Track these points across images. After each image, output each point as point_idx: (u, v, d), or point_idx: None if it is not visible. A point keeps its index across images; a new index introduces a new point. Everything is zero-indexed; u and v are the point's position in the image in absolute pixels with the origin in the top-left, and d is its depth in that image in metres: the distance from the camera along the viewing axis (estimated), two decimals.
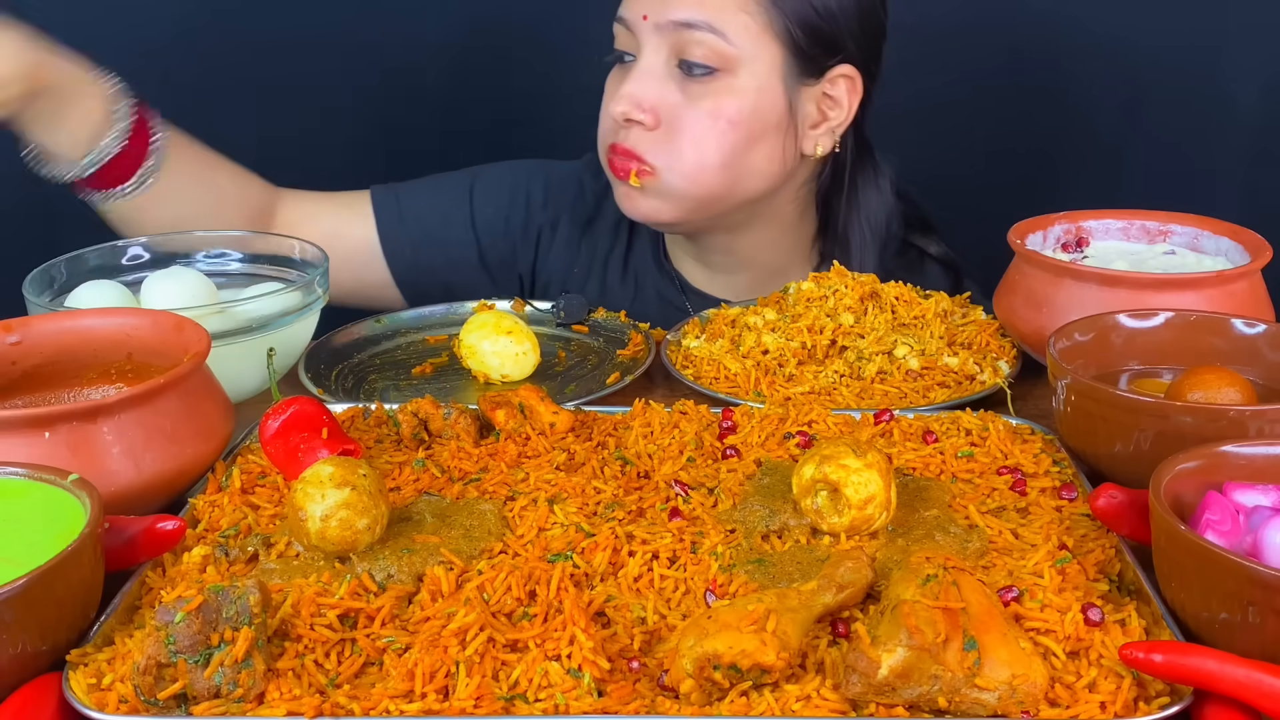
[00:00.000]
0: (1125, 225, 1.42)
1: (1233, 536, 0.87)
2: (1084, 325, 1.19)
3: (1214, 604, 0.83)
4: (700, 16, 1.47)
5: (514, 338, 1.38)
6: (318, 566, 0.95)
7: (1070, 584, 0.91)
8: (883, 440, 1.17)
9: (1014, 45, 2.16)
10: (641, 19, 1.49)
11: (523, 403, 1.19)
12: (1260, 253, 1.29)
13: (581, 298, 1.57)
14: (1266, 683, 0.77)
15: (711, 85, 1.49)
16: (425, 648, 0.84)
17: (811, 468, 0.98)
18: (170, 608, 0.83)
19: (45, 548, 0.86)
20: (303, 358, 1.41)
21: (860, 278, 1.44)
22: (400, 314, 1.57)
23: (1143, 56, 2.11)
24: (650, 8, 1.48)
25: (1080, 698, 0.81)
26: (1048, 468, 1.10)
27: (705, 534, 1.00)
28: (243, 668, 0.81)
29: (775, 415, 1.20)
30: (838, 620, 0.88)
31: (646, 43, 1.49)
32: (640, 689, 0.83)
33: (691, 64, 1.48)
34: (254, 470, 1.11)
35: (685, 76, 1.50)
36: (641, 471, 1.11)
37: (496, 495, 1.07)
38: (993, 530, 1.00)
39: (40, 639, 0.84)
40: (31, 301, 1.30)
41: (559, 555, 0.96)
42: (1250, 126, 2.13)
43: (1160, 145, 2.16)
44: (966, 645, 0.80)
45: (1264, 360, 1.15)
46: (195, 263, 1.49)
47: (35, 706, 0.81)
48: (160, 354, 1.16)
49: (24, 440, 1.00)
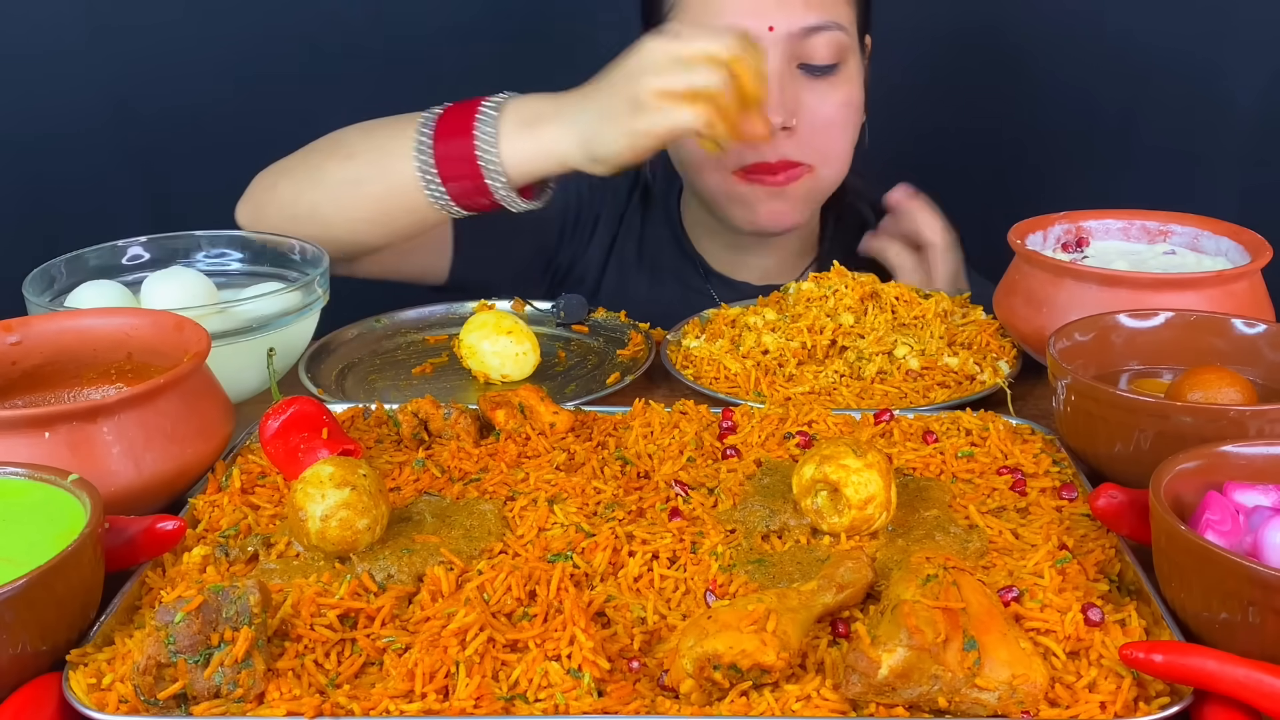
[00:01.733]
0: (1125, 225, 1.42)
1: (1233, 536, 0.87)
2: (1084, 325, 1.19)
3: (1214, 604, 0.83)
4: (828, 18, 1.50)
5: (514, 338, 1.38)
6: (318, 566, 0.95)
7: (1070, 584, 0.91)
8: (883, 440, 1.17)
9: (1014, 46, 2.16)
10: (767, 31, 1.48)
11: (523, 403, 1.19)
12: (1260, 253, 1.29)
13: (581, 298, 1.57)
14: (1266, 683, 0.77)
15: (836, 78, 1.53)
16: (425, 648, 0.84)
17: (811, 468, 0.98)
18: (170, 608, 0.83)
19: (45, 548, 0.86)
20: (303, 358, 1.42)
21: (860, 278, 1.44)
22: (400, 314, 1.57)
23: (1143, 57, 2.11)
24: (775, 18, 1.48)
25: (1080, 698, 0.81)
26: (1048, 468, 1.10)
27: (705, 534, 1.00)
28: (243, 668, 0.81)
29: (775, 415, 1.20)
30: (838, 620, 0.88)
31: (769, 52, 1.49)
32: (640, 689, 0.83)
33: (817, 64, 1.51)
34: (254, 470, 1.11)
35: (808, 75, 1.52)
36: (641, 471, 1.11)
37: (496, 495, 1.07)
38: (993, 530, 1.00)
39: (40, 639, 0.84)
40: (31, 301, 1.30)
41: (559, 555, 0.96)
42: (1250, 126, 2.13)
43: (1160, 145, 2.16)
44: (966, 645, 0.80)
45: (1264, 360, 1.15)
46: (195, 263, 1.50)
47: (35, 706, 0.81)
48: (160, 354, 1.16)
49: (24, 440, 1.00)
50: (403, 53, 2.13)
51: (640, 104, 1.29)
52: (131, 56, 2.07)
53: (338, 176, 1.45)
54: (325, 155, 1.48)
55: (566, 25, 2.14)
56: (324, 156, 1.48)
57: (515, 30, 2.15)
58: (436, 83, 2.12)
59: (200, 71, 2.08)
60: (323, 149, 1.49)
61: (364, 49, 2.12)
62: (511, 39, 2.15)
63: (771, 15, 1.48)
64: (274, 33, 2.09)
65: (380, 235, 1.48)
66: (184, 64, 2.08)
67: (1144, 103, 2.15)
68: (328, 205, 1.46)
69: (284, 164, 1.53)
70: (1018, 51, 2.16)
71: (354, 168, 1.44)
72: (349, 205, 1.45)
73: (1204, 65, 2.10)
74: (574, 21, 2.13)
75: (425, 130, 1.39)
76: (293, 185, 1.49)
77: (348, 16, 2.11)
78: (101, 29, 2.05)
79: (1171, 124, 2.14)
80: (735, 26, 1.40)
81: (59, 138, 2.08)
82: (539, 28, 2.16)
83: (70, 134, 2.08)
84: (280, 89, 2.10)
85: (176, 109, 2.09)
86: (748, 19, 1.48)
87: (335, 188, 1.45)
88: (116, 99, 2.08)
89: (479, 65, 2.15)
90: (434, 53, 2.13)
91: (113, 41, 2.06)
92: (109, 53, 2.06)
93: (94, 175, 2.11)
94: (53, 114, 2.07)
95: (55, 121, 2.07)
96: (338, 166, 1.45)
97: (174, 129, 2.10)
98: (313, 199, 1.47)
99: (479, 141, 1.35)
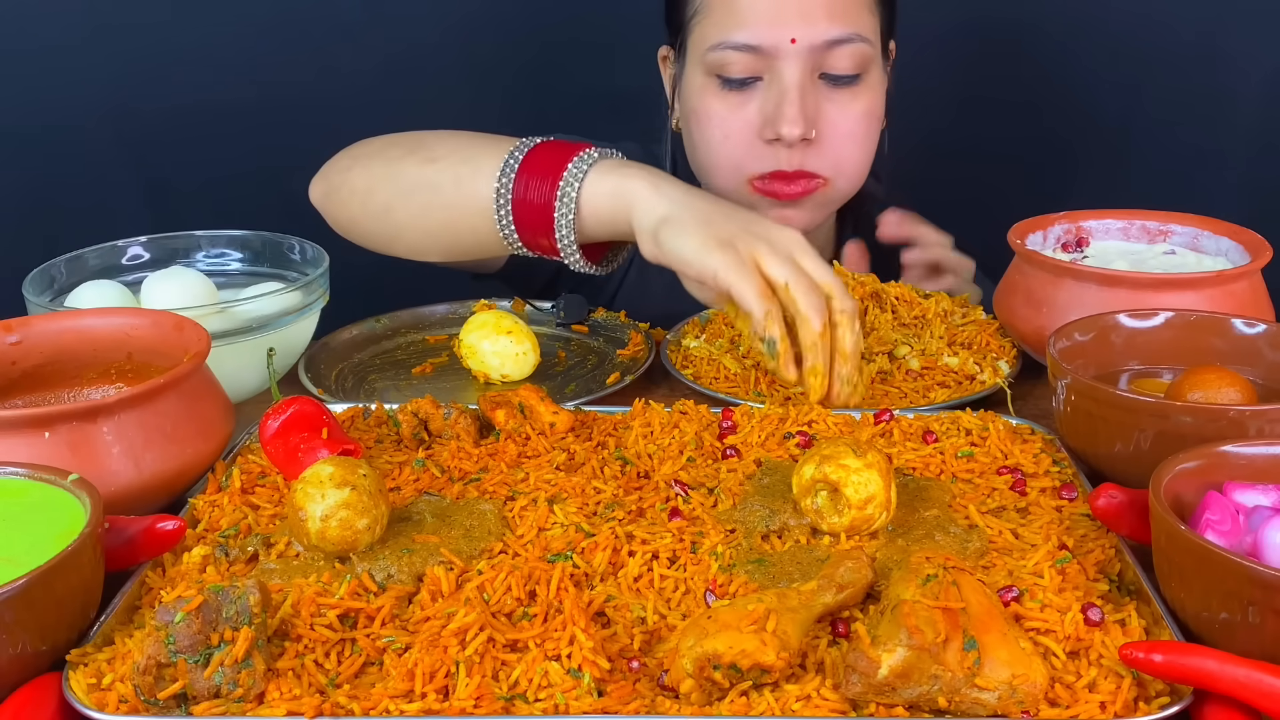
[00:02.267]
0: (1125, 225, 1.42)
1: (1233, 536, 0.87)
2: (1084, 325, 1.19)
3: (1214, 604, 0.83)
4: (851, 30, 1.48)
5: (514, 338, 1.38)
6: (318, 566, 0.95)
7: (1070, 584, 0.91)
8: (883, 440, 1.17)
9: (1014, 45, 2.16)
10: (789, 42, 1.47)
11: (523, 403, 1.19)
12: (1260, 253, 1.29)
13: (581, 298, 1.57)
14: (1266, 683, 0.77)
15: (858, 88, 1.52)
16: (425, 648, 0.84)
17: (811, 468, 0.98)
18: (170, 608, 0.83)
19: (45, 548, 0.86)
20: (303, 358, 1.42)
21: (861, 278, 1.44)
22: (400, 314, 1.57)
23: (1143, 56, 2.11)
24: (798, 30, 1.46)
25: (1080, 698, 0.81)
26: (1048, 468, 1.10)
27: (705, 534, 1.00)
28: (243, 668, 0.81)
29: (775, 415, 1.20)
30: (838, 620, 0.88)
31: (790, 63, 1.48)
32: (640, 689, 0.83)
33: (839, 75, 1.50)
34: (254, 470, 1.11)
35: (829, 85, 1.51)
36: (641, 471, 1.11)
37: (496, 495, 1.07)
38: (993, 530, 1.00)
39: (40, 639, 0.84)
40: (31, 301, 1.30)
41: (559, 555, 0.96)
42: (1251, 126, 2.13)
43: (1160, 145, 2.16)
44: (966, 645, 0.80)
45: (1264, 360, 1.15)
46: (195, 263, 1.50)
47: (35, 706, 0.81)
48: (160, 354, 1.16)
49: (24, 440, 1.00)
50: (403, 50, 2.13)
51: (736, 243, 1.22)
52: (131, 55, 2.07)
53: (414, 179, 1.40)
54: (406, 151, 1.43)
55: (570, 23, 2.14)
56: (405, 153, 1.43)
57: (517, 28, 2.16)
58: (437, 81, 2.13)
59: (200, 70, 2.08)
60: (405, 144, 1.45)
61: (365, 47, 2.12)
62: (513, 37, 2.16)
63: (794, 27, 1.46)
64: (274, 31, 2.09)
65: (442, 250, 1.44)
66: (184, 63, 2.08)
67: (1144, 102, 2.15)
68: (400, 208, 1.42)
69: (362, 149, 1.48)
70: (1018, 51, 2.16)
71: (432, 173, 1.39)
72: (418, 212, 1.40)
73: (1204, 65, 2.10)
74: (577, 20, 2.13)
75: (513, 158, 1.34)
76: (367, 175, 1.45)
77: (349, 14, 2.11)
78: (101, 27, 2.05)
79: (1172, 123, 2.14)
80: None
81: (59, 138, 2.08)
82: (541, 26, 2.16)
83: (70, 134, 2.08)
84: (280, 88, 2.10)
85: (176, 108, 2.09)
86: (771, 29, 1.47)
87: (410, 190, 1.40)
88: (116, 98, 2.07)
89: (480, 63, 2.16)
90: (435, 50, 2.13)
91: (112, 40, 2.06)
92: (109, 51, 2.06)
93: (94, 175, 2.11)
94: (52, 113, 2.07)
95: (55, 121, 2.07)
96: (416, 169, 1.40)
97: (174, 128, 2.10)
98: (386, 196, 1.42)
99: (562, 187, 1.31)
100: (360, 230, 1.48)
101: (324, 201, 1.50)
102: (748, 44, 1.48)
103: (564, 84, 2.13)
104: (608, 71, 2.02)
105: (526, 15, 2.15)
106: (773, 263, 1.21)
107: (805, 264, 1.22)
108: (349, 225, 1.49)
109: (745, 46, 1.48)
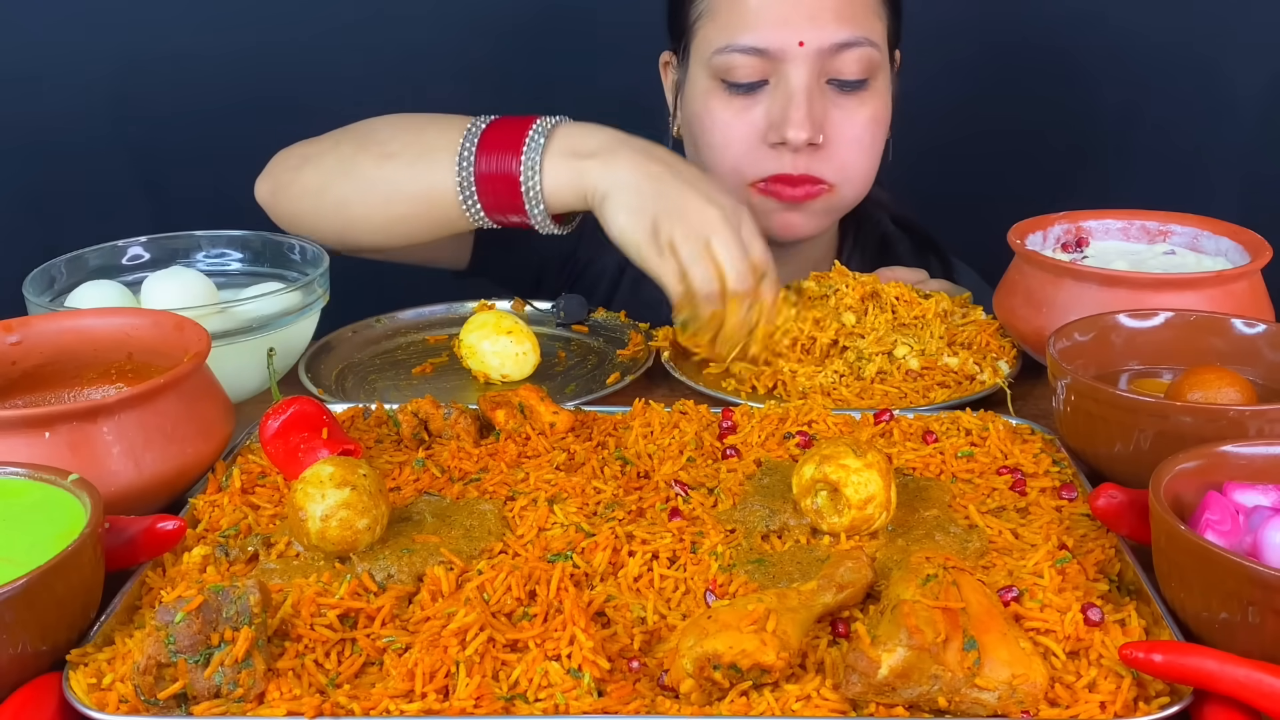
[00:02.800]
0: (1125, 225, 1.42)
1: (1233, 536, 0.87)
2: (1084, 325, 1.19)
3: (1214, 604, 0.83)
4: (860, 34, 1.48)
5: (514, 338, 1.38)
6: (318, 566, 0.95)
7: (1070, 584, 0.91)
8: (883, 440, 1.17)
9: (1014, 46, 2.16)
10: (797, 45, 1.46)
11: (523, 403, 1.19)
12: (1260, 253, 1.29)
13: (581, 298, 1.57)
14: (1266, 683, 0.77)
15: (865, 94, 1.51)
16: (425, 648, 0.84)
17: (811, 468, 0.98)
18: (170, 608, 0.83)
19: (45, 548, 0.86)
20: (303, 358, 1.42)
21: (861, 277, 1.44)
22: (400, 314, 1.57)
23: (1143, 56, 2.12)
24: (806, 33, 1.46)
25: (1080, 698, 0.81)
26: (1048, 468, 1.10)
27: (705, 534, 1.00)
28: (243, 668, 0.81)
29: (775, 415, 1.20)
30: (838, 620, 0.88)
31: (798, 67, 1.47)
32: (640, 689, 0.83)
33: (846, 80, 1.49)
34: (254, 470, 1.11)
35: (837, 91, 1.50)
36: (641, 471, 1.11)
37: (496, 495, 1.07)
38: (993, 530, 1.00)
39: (40, 639, 0.84)
40: (31, 301, 1.30)
41: (559, 555, 0.96)
42: (1251, 126, 2.13)
43: (1160, 145, 2.16)
44: (966, 645, 0.80)
45: (1264, 360, 1.15)
46: (195, 263, 1.50)
47: (35, 706, 0.81)
48: (160, 354, 1.16)
49: (24, 440, 1.00)
50: (403, 49, 2.13)
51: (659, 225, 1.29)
52: (131, 55, 2.07)
53: (372, 175, 1.42)
54: (358, 148, 1.44)
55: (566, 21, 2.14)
56: (356, 149, 1.44)
57: (515, 31, 2.16)
58: (438, 80, 2.13)
59: (201, 70, 2.08)
60: (354, 139, 1.46)
61: (365, 46, 2.12)
62: (509, 35, 2.15)
63: (802, 30, 1.46)
64: (274, 30, 2.09)
65: (404, 237, 1.46)
66: (184, 63, 2.08)
67: (1144, 102, 2.15)
68: (358, 202, 1.44)
69: (311, 148, 1.49)
70: (1018, 51, 2.16)
71: (391, 169, 1.41)
72: (379, 205, 1.43)
73: (1204, 65, 2.10)
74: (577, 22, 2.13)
75: (469, 142, 1.37)
76: (320, 173, 1.46)
77: (348, 14, 2.11)
78: (101, 27, 2.05)
79: (1171, 124, 2.14)
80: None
81: (59, 138, 2.08)
82: (538, 30, 2.16)
83: (70, 134, 2.08)
84: (281, 88, 2.10)
85: (177, 108, 2.09)
86: (778, 31, 1.46)
87: (368, 185, 1.42)
88: (117, 98, 2.08)
89: (479, 62, 2.16)
90: (435, 49, 2.13)
91: (113, 40, 2.06)
92: (109, 51, 2.06)
93: (94, 175, 2.11)
94: (53, 113, 2.07)
95: (55, 120, 2.07)
96: (373, 165, 1.42)
97: (175, 128, 2.10)
98: (342, 193, 1.44)
99: (524, 164, 1.34)
100: (310, 226, 1.49)
101: (271, 199, 1.51)
102: (754, 47, 1.47)
103: (562, 88, 2.13)
104: (608, 75, 2.02)
105: (525, 18, 2.15)
106: (682, 245, 1.28)
107: (714, 244, 1.27)
108: (296, 220, 1.50)
109: (752, 49, 1.47)
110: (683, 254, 1.28)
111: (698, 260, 1.27)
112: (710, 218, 1.28)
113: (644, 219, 1.29)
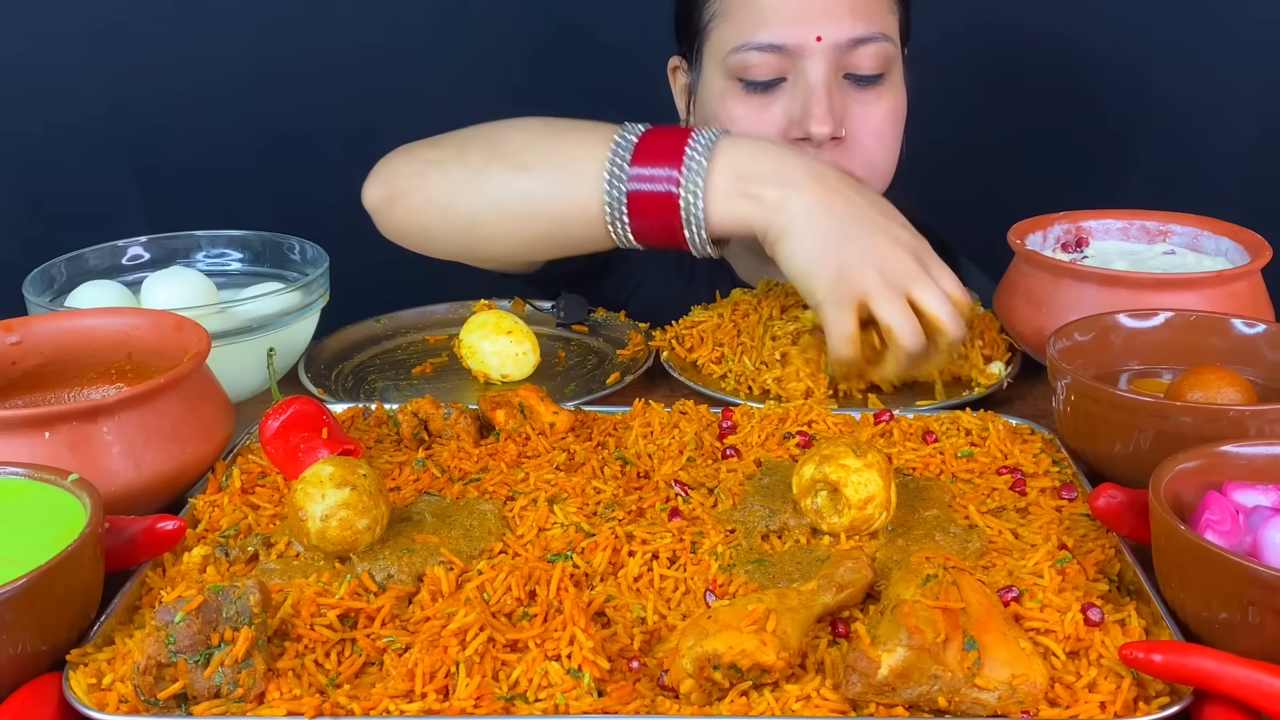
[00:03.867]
0: (1125, 225, 1.42)
1: (1233, 536, 0.87)
2: (1084, 325, 1.19)
3: (1214, 604, 0.83)
4: (876, 29, 1.47)
5: (514, 338, 1.38)
6: (318, 566, 0.95)
7: (1070, 584, 0.91)
8: (883, 440, 1.17)
9: (1015, 46, 2.16)
10: (815, 41, 1.44)
11: (523, 403, 1.19)
12: (1260, 253, 1.29)
13: (581, 298, 1.57)
14: (1266, 683, 0.77)
15: (882, 88, 1.50)
16: (425, 648, 0.84)
17: (811, 468, 0.98)
18: (170, 608, 0.83)
19: (45, 548, 0.86)
20: (303, 358, 1.42)
21: None
22: (400, 314, 1.57)
23: (1143, 56, 2.11)
24: (823, 28, 1.44)
25: (1080, 698, 0.81)
26: (1048, 468, 1.10)
27: (705, 534, 1.00)
28: (243, 668, 0.81)
29: (775, 415, 1.20)
30: (838, 620, 0.88)
31: (816, 63, 1.45)
32: (640, 689, 0.83)
33: (863, 74, 1.48)
34: (254, 470, 1.11)
35: (854, 86, 1.49)
36: (641, 471, 1.11)
37: (496, 495, 1.07)
38: (993, 530, 1.00)
39: (40, 639, 0.84)
40: (31, 301, 1.30)
41: (559, 555, 0.96)
42: (1251, 127, 2.13)
43: (1160, 145, 2.16)
44: (966, 645, 0.80)
45: (1264, 360, 1.15)
46: (195, 263, 1.50)
47: (35, 706, 0.81)
48: (160, 354, 1.16)
49: (24, 440, 1.00)
50: (403, 48, 2.13)
51: (848, 273, 1.21)
52: (131, 54, 2.07)
53: (508, 189, 1.32)
54: (489, 156, 1.34)
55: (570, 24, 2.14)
56: (487, 157, 1.34)
57: (521, 31, 2.15)
58: (438, 79, 2.12)
59: (201, 70, 2.08)
60: (484, 146, 1.36)
61: (364, 45, 2.12)
62: (516, 40, 2.15)
63: (819, 25, 1.44)
64: (274, 29, 2.09)
65: (536, 255, 1.40)
66: (184, 63, 2.07)
67: (1144, 102, 2.15)
68: (490, 218, 1.34)
69: (431, 152, 1.40)
70: (1018, 52, 2.16)
71: (528, 183, 1.31)
72: (514, 222, 1.33)
73: (1204, 65, 2.10)
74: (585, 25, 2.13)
75: (620, 157, 1.28)
76: (447, 183, 1.36)
77: (348, 12, 2.11)
78: (101, 26, 2.05)
79: (1171, 124, 2.14)
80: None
81: (59, 138, 2.08)
82: (546, 30, 2.16)
83: (71, 134, 2.08)
84: (281, 88, 2.10)
85: (177, 108, 2.09)
86: (795, 28, 1.45)
87: (503, 201, 1.32)
88: (117, 98, 2.08)
89: (483, 65, 2.16)
90: (435, 49, 2.13)
91: (113, 39, 2.06)
92: (109, 51, 2.06)
93: (95, 175, 2.11)
94: (53, 113, 2.07)
95: (55, 120, 2.07)
96: (508, 178, 1.32)
97: (175, 128, 2.10)
98: (473, 207, 1.34)
99: (685, 186, 1.25)
100: (428, 237, 1.40)
101: (386, 208, 1.41)
102: (772, 44, 1.45)
103: (569, 91, 2.13)
104: (611, 79, 2.02)
105: (531, 19, 2.15)
106: (881, 303, 1.20)
107: (916, 294, 1.21)
108: (412, 231, 1.41)
109: (769, 47, 1.46)
110: (883, 315, 1.20)
111: (902, 318, 1.20)
112: (903, 266, 1.22)
113: (827, 263, 1.22)
